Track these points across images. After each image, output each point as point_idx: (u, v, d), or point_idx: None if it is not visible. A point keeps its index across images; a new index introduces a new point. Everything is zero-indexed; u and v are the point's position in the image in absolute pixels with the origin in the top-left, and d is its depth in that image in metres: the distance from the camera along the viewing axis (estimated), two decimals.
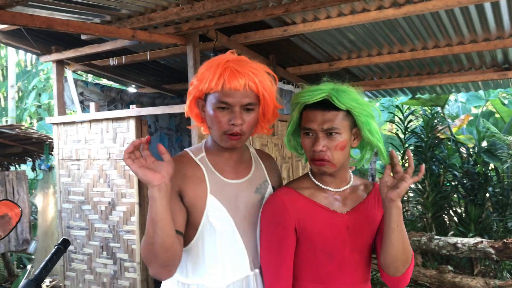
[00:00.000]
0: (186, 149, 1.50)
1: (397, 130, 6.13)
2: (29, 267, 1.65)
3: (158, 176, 1.17)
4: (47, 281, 5.59)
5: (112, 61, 3.87)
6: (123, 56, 3.82)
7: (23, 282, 1.46)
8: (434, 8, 2.93)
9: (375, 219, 1.43)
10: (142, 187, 3.51)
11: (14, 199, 4.37)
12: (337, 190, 1.41)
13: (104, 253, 3.67)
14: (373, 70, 5.03)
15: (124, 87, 5.79)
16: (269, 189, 1.51)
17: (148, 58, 3.72)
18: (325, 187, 1.41)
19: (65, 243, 1.62)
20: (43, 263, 1.54)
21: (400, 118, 5.86)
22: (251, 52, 3.94)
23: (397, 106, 5.93)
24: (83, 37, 3.24)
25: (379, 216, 1.43)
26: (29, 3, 2.27)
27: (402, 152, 5.78)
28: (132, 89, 5.53)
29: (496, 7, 3.22)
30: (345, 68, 4.60)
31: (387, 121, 7.37)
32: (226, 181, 1.44)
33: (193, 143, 3.30)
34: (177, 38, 3.14)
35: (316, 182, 1.42)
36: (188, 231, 1.39)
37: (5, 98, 9.38)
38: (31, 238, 4.62)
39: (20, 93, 9.89)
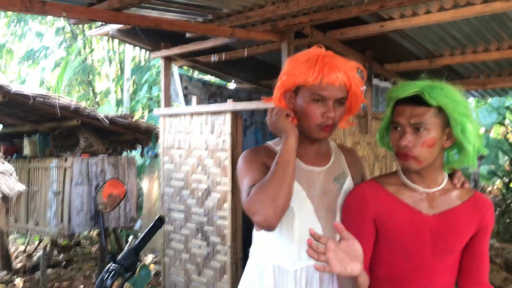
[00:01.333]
0: (268, 142, 1.60)
1: (508, 133, 5.67)
2: (130, 238, 1.88)
3: (293, 126, 1.40)
4: (150, 257, 6.15)
5: (213, 57, 4.13)
6: (223, 53, 4.05)
7: (125, 249, 1.69)
8: None
9: (465, 230, 1.34)
10: (235, 177, 3.71)
11: (125, 181, 4.88)
12: (425, 190, 1.36)
13: (199, 235, 3.95)
14: (479, 68, 4.71)
15: (224, 82, 6.10)
16: (348, 179, 1.55)
17: (245, 55, 3.91)
18: (413, 185, 1.36)
19: (161, 220, 1.83)
20: (142, 235, 1.76)
21: (511, 120, 5.42)
22: (347, 48, 3.93)
23: (507, 107, 5.48)
24: (187, 35, 3.51)
25: (471, 229, 1.35)
26: (142, 4, 2.54)
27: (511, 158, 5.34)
28: (231, 84, 5.81)
29: None
30: (447, 65, 4.37)
31: (497, 123, 6.81)
32: (307, 168, 1.50)
33: None
34: (273, 35, 3.27)
35: (404, 180, 1.38)
36: None
37: (122, 90, 10.34)
38: (137, 216, 5.13)
39: (134, 86, 10.85)
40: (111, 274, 1.59)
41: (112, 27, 3.92)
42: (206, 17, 3.24)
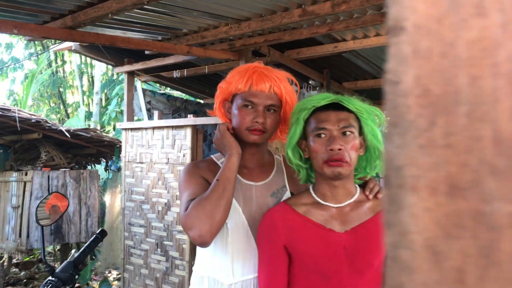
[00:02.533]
0: (211, 155, 1.63)
1: None
2: (73, 251, 1.91)
3: (237, 144, 1.44)
4: (114, 273, 6.09)
5: (175, 74, 4.20)
6: (185, 69, 4.14)
7: (64, 262, 1.73)
8: None
9: (380, 244, 1.30)
10: None
11: (86, 195, 4.86)
12: (337, 205, 1.32)
13: (159, 250, 3.96)
14: None
15: (190, 97, 6.18)
16: (287, 194, 1.54)
17: (206, 72, 4.00)
18: (324, 202, 1.32)
19: (102, 233, 1.87)
20: (82, 248, 1.81)
21: None
22: (305, 67, 4.07)
23: None
24: (146, 52, 3.58)
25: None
26: (96, 23, 2.61)
27: None
28: (197, 99, 5.88)
29: None
30: None
31: None
32: (244, 182, 1.52)
33: None
34: (230, 54, 3.37)
35: (316, 198, 1.34)
36: None
37: (92, 104, 10.28)
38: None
39: (106, 100, 10.81)
40: (48, 287, 1.63)
41: (74, 42, 3.96)
42: (166, 36, 3.32)
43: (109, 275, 6.05)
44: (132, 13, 2.58)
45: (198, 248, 1.61)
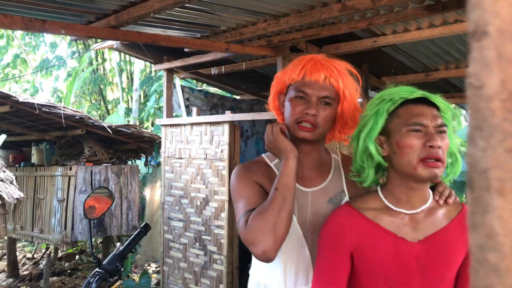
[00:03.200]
0: (263, 155, 1.50)
1: None
2: (118, 244, 1.97)
3: (293, 146, 1.32)
4: (153, 266, 6.24)
5: (213, 70, 4.25)
6: (223, 66, 4.18)
7: (110, 255, 1.79)
8: None
9: (456, 255, 1.18)
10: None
11: (127, 189, 5.00)
12: (409, 212, 1.18)
13: (197, 244, 4.03)
14: None
15: (227, 94, 6.23)
16: (345, 200, 1.39)
17: (244, 68, 4.02)
18: (396, 208, 1.19)
19: (146, 227, 1.93)
20: (127, 242, 1.86)
21: None
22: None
23: None
24: (185, 49, 3.64)
25: (463, 252, 1.18)
26: (138, 22, 2.68)
27: None
28: (234, 96, 5.93)
29: None
30: (443, 78, 4.44)
31: None
32: (299, 188, 1.38)
33: None
34: (268, 50, 3.37)
35: (386, 202, 1.21)
36: None
37: (132, 100, 10.54)
38: (139, 225, 5.23)
39: (145, 96, 11.06)
40: (96, 278, 1.69)
41: (117, 41, 4.08)
42: (204, 33, 3.37)
43: (148, 268, 6.21)
44: (172, 11, 2.63)
45: None
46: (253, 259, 1.48)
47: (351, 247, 1.19)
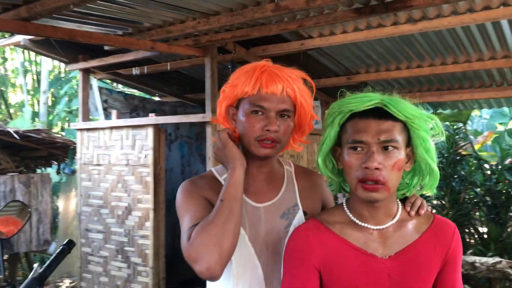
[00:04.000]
0: (212, 168, 1.41)
1: None
2: (35, 265, 1.72)
3: (242, 155, 1.24)
4: (67, 282, 5.77)
5: (135, 71, 4.01)
6: (145, 66, 3.95)
7: (27, 279, 1.55)
8: (449, 24, 2.93)
9: (430, 269, 1.12)
10: (158, 194, 3.60)
11: (38, 200, 4.55)
12: (377, 227, 1.12)
13: (119, 256, 3.77)
14: (392, 85, 5.01)
15: (147, 96, 5.96)
16: (299, 215, 1.32)
17: (168, 68, 3.84)
18: (362, 224, 1.12)
19: (70, 244, 1.70)
20: (48, 262, 1.63)
21: None
22: None
23: None
24: (106, 47, 3.38)
25: (437, 265, 1.13)
26: (54, 15, 2.40)
27: None
28: (155, 98, 5.69)
29: None
30: (363, 82, 4.60)
31: None
32: (250, 203, 1.30)
33: (208, 150, 3.38)
34: (195, 50, 3.24)
35: (351, 217, 1.14)
36: None
37: (38, 103, 9.76)
38: (52, 239, 4.80)
39: (53, 99, 10.28)
40: None
41: (24, 37, 3.68)
42: (126, 30, 3.14)
43: (61, 284, 5.72)
44: (93, 4, 2.39)
45: None
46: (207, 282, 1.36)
47: (319, 264, 1.11)
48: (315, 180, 1.42)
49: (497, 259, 4.18)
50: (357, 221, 1.13)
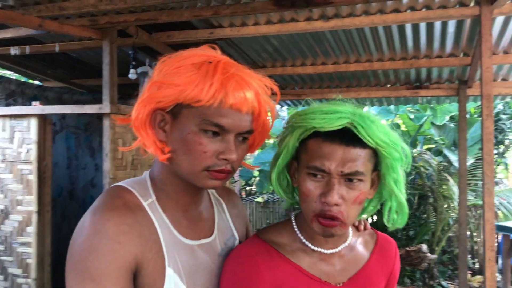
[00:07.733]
0: (126, 185, 0.94)
1: None
2: None
3: None
4: None
5: (14, 50, 3.42)
6: (27, 46, 3.39)
7: None
8: (360, 24, 2.96)
9: None
10: (42, 194, 3.14)
11: None
12: (331, 251, 1.01)
13: None
14: (295, 80, 5.04)
15: (26, 79, 5.21)
16: (235, 245, 1.06)
17: (57, 50, 3.34)
18: (315, 248, 1.00)
19: None
20: None
21: None
22: (174, 52, 3.71)
23: None
24: None
25: (382, 284, 1.07)
26: None
27: None
28: (35, 82, 5.00)
29: (415, 29, 3.34)
30: (269, 75, 4.53)
31: None
32: (184, 242, 0.95)
33: (105, 146, 3.00)
34: (92, 31, 2.84)
35: (303, 240, 1.00)
36: None
37: None
38: None
39: None
40: None
41: None
42: (6, 2, 2.62)
43: None
44: None
45: None
46: None
47: None
48: (237, 200, 1.17)
49: None
50: (310, 245, 1.00)
